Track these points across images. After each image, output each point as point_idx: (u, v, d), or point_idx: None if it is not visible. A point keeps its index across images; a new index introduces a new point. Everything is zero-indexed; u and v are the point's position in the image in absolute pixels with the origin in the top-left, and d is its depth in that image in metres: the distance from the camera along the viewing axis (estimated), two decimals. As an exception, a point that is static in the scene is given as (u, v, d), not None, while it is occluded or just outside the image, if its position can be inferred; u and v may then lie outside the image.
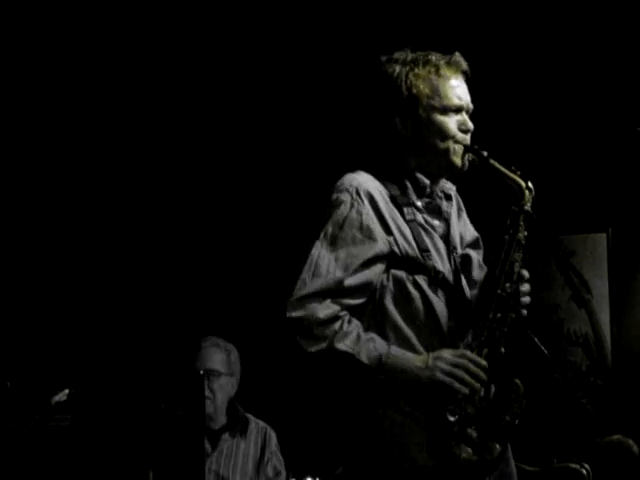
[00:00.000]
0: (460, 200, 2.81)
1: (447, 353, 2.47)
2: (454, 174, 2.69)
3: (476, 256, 2.75)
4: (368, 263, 2.49)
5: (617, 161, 4.89)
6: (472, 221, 2.84)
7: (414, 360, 2.45)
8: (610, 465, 4.29)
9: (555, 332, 5.17)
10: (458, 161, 2.62)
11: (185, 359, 4.24)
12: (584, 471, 4.20)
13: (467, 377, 2.45)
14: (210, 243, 5.43)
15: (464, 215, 2.81)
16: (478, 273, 2.72)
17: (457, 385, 2.44)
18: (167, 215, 5.39)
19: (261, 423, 4.19)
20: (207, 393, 3.99)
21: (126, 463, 3.84)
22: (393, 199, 2.59)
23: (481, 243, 2.80)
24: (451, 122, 2.60)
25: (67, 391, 3.89)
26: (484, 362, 2.48)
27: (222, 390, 4.07)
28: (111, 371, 4.77)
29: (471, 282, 2.68)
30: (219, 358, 4.07)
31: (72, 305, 5.14)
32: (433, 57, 2.63)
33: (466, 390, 2.44)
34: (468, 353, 2.48)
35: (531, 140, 5.16)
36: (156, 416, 3.94)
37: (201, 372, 3.99)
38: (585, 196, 5.14)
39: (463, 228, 2.77)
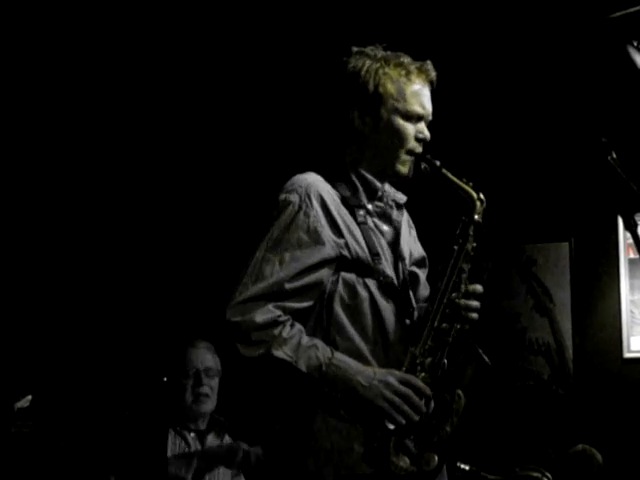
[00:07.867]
0: (410, 218, 2.80)
1: (393, 378, 2.41)
2: (398, 181, 2.68)
3: (422, 275, 2.74)
4: (314, 267, 2.44)
5: (580, 171, 4.93)
6: (422, 232, 2.84)
7: (357, 375, 2.39)
8: (573, 474, 4.30)
9: (517, 341, 5.20)
10: (404, 169, 2.62)
11: (150, 366, 4.22)
12: (546, 480, 4.21)
13: (407, 409, 2.40)
14: (186, 255, 5.42)
15: (414, 233, 2.80)
16: (423, 291, 2.71)
17: (395, 415, 2.39)
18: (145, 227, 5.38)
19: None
20: (207, 390, 3.98)
21: (87, 469, 3.82)
22: (344, 200, 2.56)
23: (427, 262, 2.78)
24: (410, 128, 2.60)
25: (30, 397, 3.86)
26: (429, 391, 2.44)
27: (215, 390, 4.05)
28: (74, 378, 4.73)
29: (416, 300, 2.65)
30: (215, 360, 4.05)
31: (34, 312, 5.09)
32: (405, 60, 2.62)
33: (402, 421, 2.40)
34: (414, 380, 2.44)
35: (494, 149, 5.19)
36: (119, 423, 3.92)
37: (191, 372, 3.96)
38: (547, 205, 5.17)
39: (413, 245, 2.76)
